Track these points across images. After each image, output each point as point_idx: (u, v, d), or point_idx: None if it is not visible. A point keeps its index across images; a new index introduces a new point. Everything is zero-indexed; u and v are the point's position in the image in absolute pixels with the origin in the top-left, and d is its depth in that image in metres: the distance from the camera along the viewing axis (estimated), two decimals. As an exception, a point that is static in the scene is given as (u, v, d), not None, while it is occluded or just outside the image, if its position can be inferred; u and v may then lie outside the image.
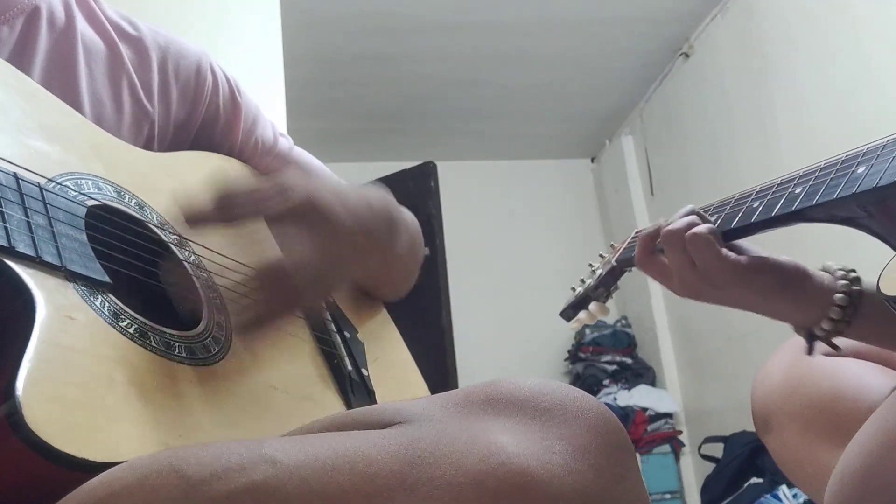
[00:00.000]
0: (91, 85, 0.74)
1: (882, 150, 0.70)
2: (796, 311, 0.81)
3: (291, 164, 0.92)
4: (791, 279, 0.79)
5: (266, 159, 0.91)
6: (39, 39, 0.71)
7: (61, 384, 0.46)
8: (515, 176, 4.54)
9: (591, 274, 1.05)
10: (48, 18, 0.72)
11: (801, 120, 2.83)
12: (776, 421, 0.88)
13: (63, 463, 0.43)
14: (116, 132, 0.73)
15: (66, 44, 0.73)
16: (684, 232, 0.80)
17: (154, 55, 0.81)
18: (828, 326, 0.78)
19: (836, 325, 0.78)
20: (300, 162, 0.93)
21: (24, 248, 0.49)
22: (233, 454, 0.40)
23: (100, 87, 0.75)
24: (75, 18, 0.75)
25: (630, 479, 0.42)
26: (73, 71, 0.72)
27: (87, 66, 0.74)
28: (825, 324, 0.78)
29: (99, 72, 0.76)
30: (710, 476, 2.98)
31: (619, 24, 3.37)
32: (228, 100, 0.87)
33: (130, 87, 0.78)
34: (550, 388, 0.43)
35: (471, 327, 3.93)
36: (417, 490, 0.38)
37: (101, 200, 0.61)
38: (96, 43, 0.77)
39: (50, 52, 0.71)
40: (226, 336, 0.64)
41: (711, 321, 3.48)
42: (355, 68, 3.54)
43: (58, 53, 0.72)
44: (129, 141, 0.73)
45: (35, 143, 0.59)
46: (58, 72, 0.71)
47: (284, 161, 0.92)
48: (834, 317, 0.78)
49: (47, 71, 0.70)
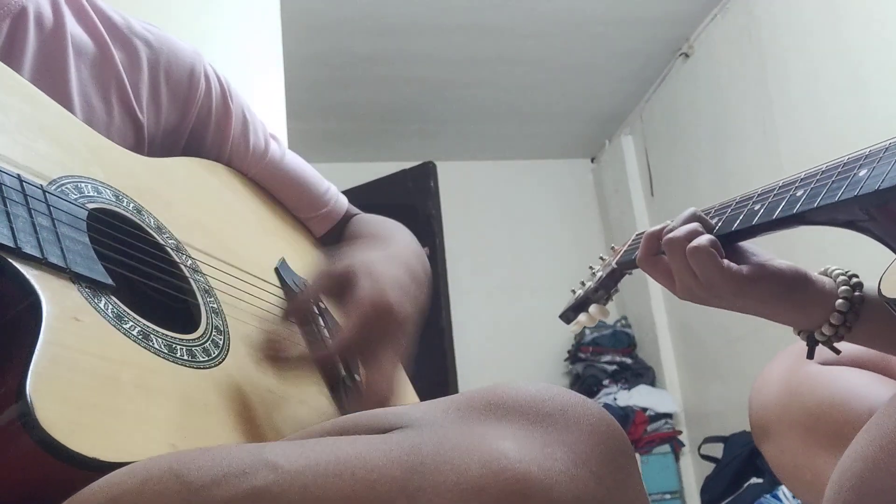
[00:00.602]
0: (81, 86, 0.73)
1: (884, 152, 0.69)
2: (798, 317, 0.81)
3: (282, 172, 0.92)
4: (791, 286, 0.79)
5: (257, 166, 0.90)
6: (28, 41, 0.70)
7: (70, 385, 0.46)
8: (515, 176, 4.54)
9: (591, 276, 1.05)
10: (36, 19, 0.71)
11: (800, 119, 2.83)
12: (774, 429, 0.88)
13: (75, 462, 0.43)
14: (106, 134, 0.72)
15: (55, 45, 0.72)
16: (686, 241, 0.79)
17: (145, 56, 0.80)
18: (829, 332, 0.78)
19: (838, 329, 0.78)
20: (291, 172, 0.93)
21: (30, 248, 0.50)
22: (234, 459, 0.40)
23: (89, 89, 0.74)
24: (64, 18, 0.74)
25: (631, 485, 0.42)
26: (63, 72, 0.72)
27: (76, 67, 0.73)
28: (826, 329, 0.78)
29: (89, 73, 0.75)
30: (710, 476, 2.98)
31: (619, 25, 3.37)
32: (220, 104, 0.86)
33: (120, 89, 0.77)
34: (552, 393, 0.43)
35: (470, 328, 3.94)
36: (419, 496, 0.37)
37: (101, 204, 0.61)
38: (86, 43, 0.75)
39: (38, 53, 0.70)
40: (224, 340, 0.64)
41: (711, 322, 3.48)
42: (355, 69, 3.53)
43: (47, 55, 0.71)
44: (118, 144, 0.73)
45: (36, 144, 0.59)
46: (47, 73, 0.70)
47: (276, 168, 0.91)
48: (835, 322, 0.78)
49: (36, 73, 0.69)
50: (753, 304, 0.80)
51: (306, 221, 0.95)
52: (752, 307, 0.81)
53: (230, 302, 0.68)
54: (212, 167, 0.85)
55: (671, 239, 0.81)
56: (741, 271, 0.78)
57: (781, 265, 0.80)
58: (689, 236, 0.80)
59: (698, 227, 0.81)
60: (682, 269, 0.80)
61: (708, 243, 0.78)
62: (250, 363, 0.64)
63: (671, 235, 0.81)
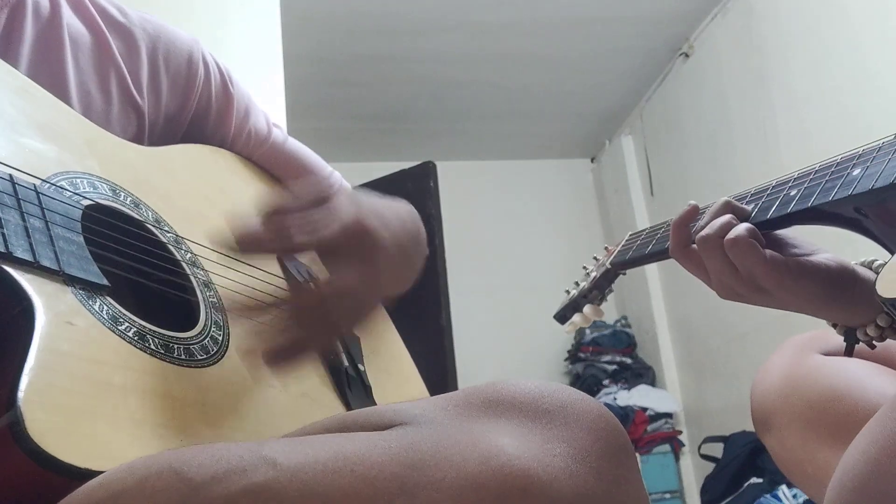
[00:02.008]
0: (78, 76, 0.73)
1: (878, 151, 0.69)
2: (842, 315, 0.76)
3: (285, 155, 0.91)
4: (837, 283, 0.74)
5: (260, 150, 0.90)
6: (25, 31, 0.69)
7: (63, 393, 0.46)
8: (515, 176, 4.54)
9: (586, 276, 1.04)
10: (33, 9, 0.71)
11: (801, 119, 2.83)
12: (776, 421, 0.88)
13: (66, 473, 0.43)
14: (105, 124, 0.72)
15: (51, 34, 0.72)
16: (721, 237, 0.74)
17: (143, 44, 0.80)
18: (873, 332, 0.74)
19: (884, 331, 0.74)
20: (294, 155, 0.93)
21: (21, 252, 0.49)
22: (233, 456, 0.40)
23: (87, 79, 0.74)
24: (60, 7, 0.73)
25: (631, 482, 0.41)
26: (60, 62, 0.71)
27: (73, 56, 0.73)
28: (871, 329, 0.74)
29: (86, 62, 0.74)
30: (710, 476, 2.98)
31: (619, 24, 3.37)
32: (221, 90, 0.85)
33: (119, 78, 0.76)
34: (551, 390, 0.43)
35: (471, 327, 3.93)
36: (418, 493, 0.37)
37: (97, 200, 0.60)
38: (83, 32, 0.75)
39: (36, 43, 0.70)
40: (224, 335, 0.63)
41: (711, 321, 3.48)
42: (355, 68, 3.53)
43: (44, 45, 0.71)
44: (118, 133, 0.72)
45: (29, 141, 0.58)
46: (44, 64, 0.70)
47: (278, 152, 0.91)
48: (881, 323, 0.74)
49: (34, 63, 0.69)
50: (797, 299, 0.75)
51: None
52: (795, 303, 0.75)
53: (230, 296, 0.68)
54: (214, 153, 0.85)
55: (704, 237, 0.75)
56: (787, 263, 0.73)
57: (826, 259, 0.75)
58: (724, 229, 0.74)
59: (732, 219, 0.75)
60: (720, 265, 0.74)
61: (747, 233, 0.72)
62: (249, 358, 0.64)
63: (704, 233, 0.75)
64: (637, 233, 0.97)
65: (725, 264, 0.74)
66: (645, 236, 0.94)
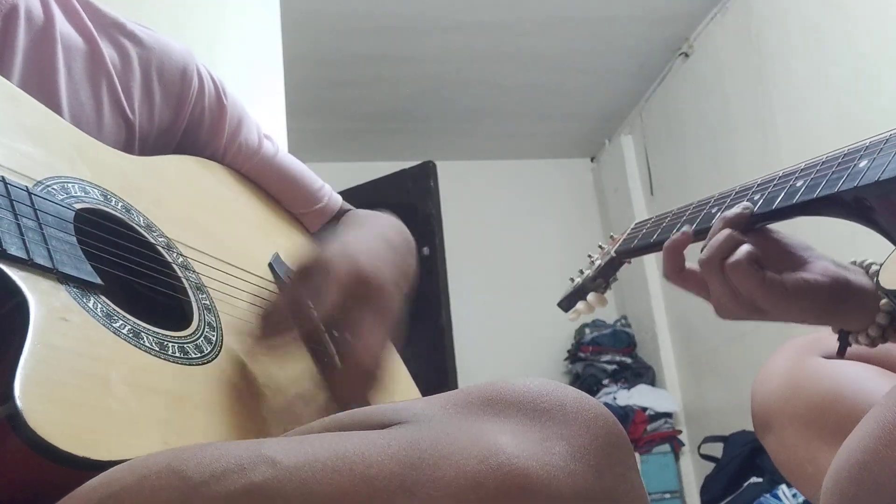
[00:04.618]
0: (70, 85, 0.73)
1: (885, 143, 0.69)
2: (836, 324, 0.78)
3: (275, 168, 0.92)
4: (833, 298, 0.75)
5: (249, 163, 0.90)
6: (18, 39, 0.69)
7: (58, 385, 0.46)
8: (515, 176, 4.54)
9: (591, 265, 1.04)
10: (26, 17, 0.71)
11: (800, 119, 2.83)
12: (776, 422, 0.88)
13: (65, 462, 0.43)
14: (96, 134, 0.72)
15: (44, 43, 0.72)
16: (722, 259, 0.75)
17: (136, 55, 0.80)
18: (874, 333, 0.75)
19: (885, 331, 0.75)
20: (283, 169, 0.93)
21: (15, 250, 0.49)
22: (232, 455, 0.40)
23: (79, 88, 0.74)
24: (54, 16, 0.73)
25: (630, 480, 0.41)
26: (52, 71, 0.71)
27: (66, 65, 0.73)
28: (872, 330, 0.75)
29: (78, 71, 0.74)
30: (710, 476, 2.98)
31: (619, 24, 3.37)
32: (214, 102, 0.86)
33: (110, 88, 0.77)
34: (550, 388, 0.43)
35: (470, 327, 3.93)
36: (417, 491, 0.37)
37: (89, 204, 0.61)
38: (76, 41, 0.75)
39: (28, 51, 0.70)
40: (217, 336, 0.64)
41: (711, 321, 3.43)
42: (355, 68, 3.53)
43: (36, 53, 0.71)
44: (109, 143, 0.72)
45: (20, 146, 0.58)
46: (36, 72, 0.70)
47: (268, 165, 0.92)
48: (882, 321, 0.74)
49: (26, 71, 0.69)
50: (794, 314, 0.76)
51: (301, 217, 0.96)
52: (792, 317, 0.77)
53: (222, 298, 0.68)
54: (205, 164, 0.85)
55: (706, 260, 0.76)
56: (783, 285, 0.74)
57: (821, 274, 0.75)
58: (724, 250, 0.75)
59: (733, 233, 0.76)
60: (721, 290, 0.76)
61: (746, 258, 0.73)
62: (243, 358, 0.64)
63: (704, 256, 0.76)
64: (642, 222, 0.97)
65: (726, 285, 0.75)
66: (650, 225, 0.94)
